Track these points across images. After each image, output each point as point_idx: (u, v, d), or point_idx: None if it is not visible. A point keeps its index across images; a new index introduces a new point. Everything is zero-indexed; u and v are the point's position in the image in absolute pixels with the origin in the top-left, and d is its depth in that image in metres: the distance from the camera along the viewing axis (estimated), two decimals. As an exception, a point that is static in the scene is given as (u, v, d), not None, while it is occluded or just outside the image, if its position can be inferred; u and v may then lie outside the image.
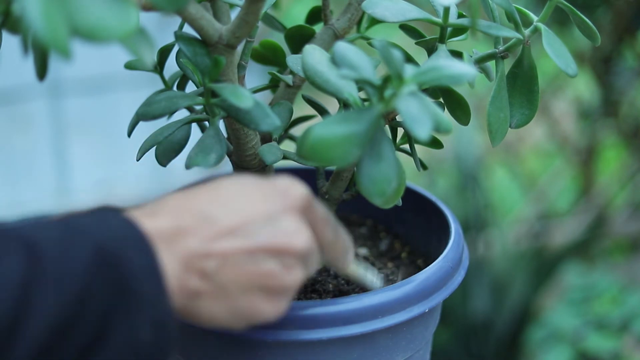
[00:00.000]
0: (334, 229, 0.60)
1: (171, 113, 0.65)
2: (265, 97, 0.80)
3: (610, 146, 2.26)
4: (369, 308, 0.63)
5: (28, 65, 0.63)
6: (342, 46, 0.59)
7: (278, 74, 0.72)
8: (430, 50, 0.69)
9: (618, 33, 1.90)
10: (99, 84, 2.08)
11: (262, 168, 0.71)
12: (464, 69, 0.56)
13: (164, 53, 0.72)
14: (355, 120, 0.55)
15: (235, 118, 0.63)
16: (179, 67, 0.71)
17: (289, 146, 0.76)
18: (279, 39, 0.78)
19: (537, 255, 1.97)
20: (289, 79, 0.74)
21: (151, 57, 0.51)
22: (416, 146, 0.72)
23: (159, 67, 0.73)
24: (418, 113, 0.54)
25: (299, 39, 0.74)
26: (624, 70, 1.98)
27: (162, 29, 1.34)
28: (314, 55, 0.62)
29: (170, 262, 0.52)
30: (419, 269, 0.80)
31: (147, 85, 2.06)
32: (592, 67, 1.97)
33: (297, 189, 0.57)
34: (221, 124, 0.69)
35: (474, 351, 1.80)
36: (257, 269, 0.53)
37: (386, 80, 0.56)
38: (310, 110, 0.76)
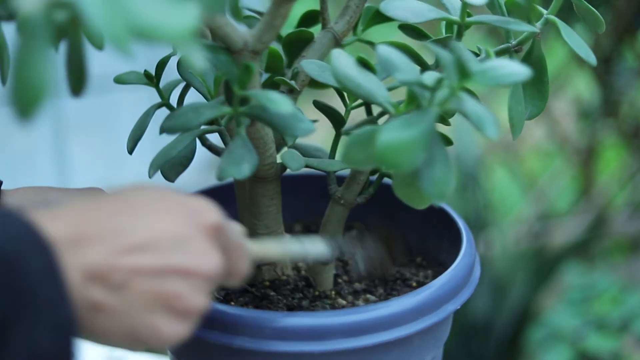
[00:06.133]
0: (245, 255, 0.59)
1: (197, 126, 0.64)
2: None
3: (610, 146, 2.26)
4: (383, 318, 0.63)
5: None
6: (385, 50, 0.58)
7: (287, 80, 0.71)
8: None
9: (618, 33, 1.90)
10: (99, 84, 2.08)
11: (277, 177, 0.70)
12: (518, 68, 0.56)
13: (161, 65, 0.72)
14: (416, 123, 0.55)
15: (269, 124, 0.62)
16: (183, 78, 0.70)
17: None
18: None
19: (537, 255, 1.96)
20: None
21: (202, 59, 0.49)
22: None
23: (156, 79, 0.72)
24: (483, 113, 0.55)
25: (296, 43, 0.73)
26: (624, 70, 1.98)
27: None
28: (342, 60, 0.61)
29: (70, 270, 0.50)
30: (420, 266, 0.80)
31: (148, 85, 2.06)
32: (592, 67, 1.97)
33: (211, 213, 0.55)
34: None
35: (474, 351, 1.80)
36: (165, 289, 0.52)
37: (439, 81, 0.56)
38: (311, 116, 0.75)
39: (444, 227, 0.79)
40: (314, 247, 0.64)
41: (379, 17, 0.75)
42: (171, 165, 0.69)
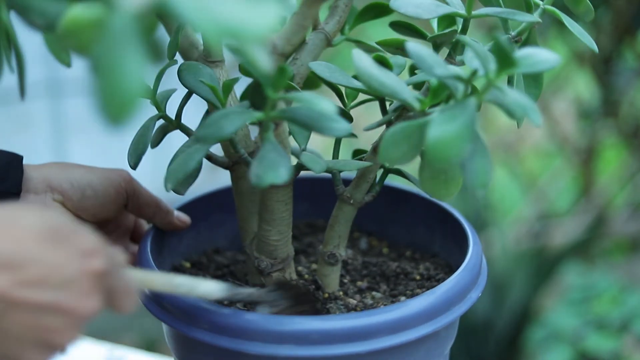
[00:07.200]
0: (128, 296, 0.59)
1: (231, 133, 0.63)
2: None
3: (610, 146, 2.26)
4: (402, 319, 0.63)
5: (28, 65, 0.63)
6: (415, 47, 0.59)
7: (291, 83, 0.70)
8: (441, 44, 0.70)
9: (618, 33, 1.90)
10: (99, 84, 2.08)
11: (291, 181, 0.69)
12: (551, 55, 0.58)
13: (159, 77, 0.71)
14: (459, 116, 0.56)
15: (305, 126, 0.62)
16: (186, 86, 0.68)
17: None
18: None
19: (537, 255, 1.96)
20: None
21: (268, 60, 0.47)
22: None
23: (153, 91, 0.71)
24: (525, 101, 0.56)
25: None
26: (624, 70, 1.98)
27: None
28: (363, 60, 0.61)
29: None
30: (413, 259, 0.81)
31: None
32: (592, 67, 1.97)
33: (99, 258, 0.56)
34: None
35: (474, 351, 1.80)
36: (41, 324, 0.53)
37: (473, 73, 0.57)
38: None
39: (436, 220, 0.79)
40: (205, 285, 0.63)
41: (366, 15, 0.75)
42: (183, 179, 0.67)
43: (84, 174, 0.73)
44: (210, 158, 0.72)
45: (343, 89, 0.74)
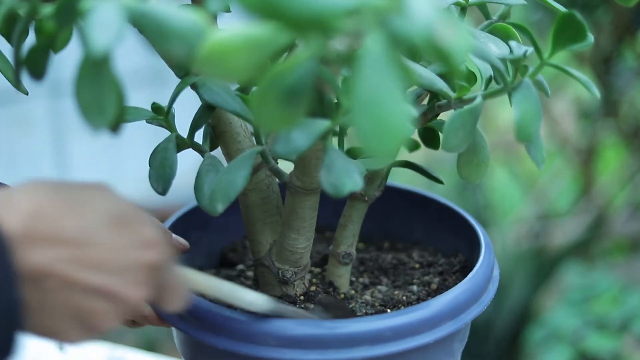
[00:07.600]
0: (177, 294, 0.59)
1: (308, 146, 0.60)
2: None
3: (610, 146, 2.26)
4: (400, 327, 0.62)
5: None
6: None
7: None
8: None
9: (618, 33, 1.90)
10: (99, 84, 2.08)
11: (320, 187, 0.67)
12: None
13: (173, 98, 0.69)
14: (529, 95, 0.59)
15: None
16: (210, 101, 0.66)
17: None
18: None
19: (537, 255, 1.97)
20: None
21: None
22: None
23: (166, 112, 0.69)
24: (585, 77, 0.61)
25: None
26: (624, 70, 1.98)
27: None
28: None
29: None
30: (395, 249, 0.81)
31: (148, 85, 2.06)
32: (592, 67, 1.97)
33: (157, 251, 0.56)
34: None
35: (474, 351, 1.80)
36: (87, 305, 0.53)
37: (525, 55, 0.60)
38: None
39: (415, 208, 0.80)
40: (251, 295, 0.62)
41: None
42: (234, 197, 0.64)
43: None
44: None
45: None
